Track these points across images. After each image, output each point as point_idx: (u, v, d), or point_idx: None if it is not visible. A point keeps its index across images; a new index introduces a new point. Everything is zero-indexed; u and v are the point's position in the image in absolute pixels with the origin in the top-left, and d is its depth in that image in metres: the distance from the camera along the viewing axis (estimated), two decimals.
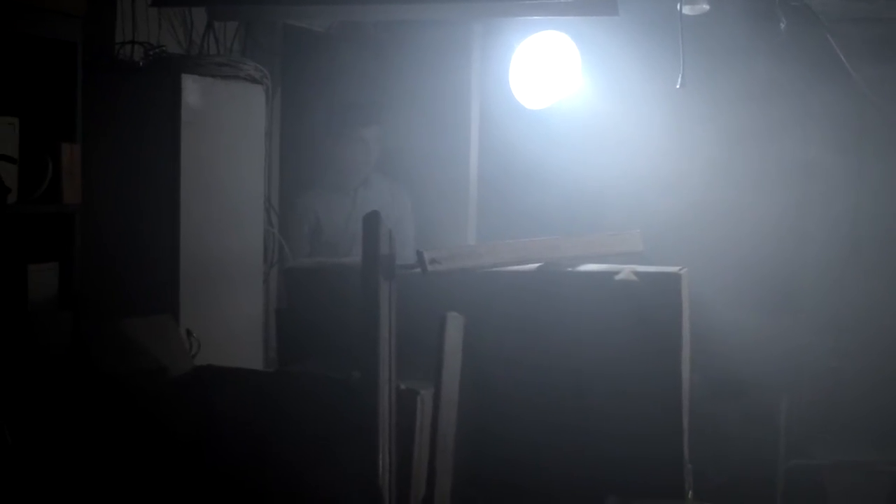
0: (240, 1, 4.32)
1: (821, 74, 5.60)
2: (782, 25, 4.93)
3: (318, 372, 3.19)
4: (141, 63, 3.95)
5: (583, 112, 5.40)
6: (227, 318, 4.11)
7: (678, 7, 4.39)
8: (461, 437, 3.02)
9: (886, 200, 6.18)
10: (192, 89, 3.89)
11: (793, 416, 5.93)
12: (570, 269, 3.29)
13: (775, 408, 5.92)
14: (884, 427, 5.90)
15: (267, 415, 3.10)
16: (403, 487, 2.91)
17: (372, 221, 2.92)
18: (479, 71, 5.41)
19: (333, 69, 5.34)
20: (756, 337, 5.25)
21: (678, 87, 4.46)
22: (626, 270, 3.19)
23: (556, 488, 3.23)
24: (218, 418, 3.17)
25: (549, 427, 3.20)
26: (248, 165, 4.23)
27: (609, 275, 3.21)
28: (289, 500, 3.03)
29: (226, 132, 4.09)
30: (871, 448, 5.87)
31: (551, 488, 3.23)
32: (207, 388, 3.25)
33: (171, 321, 3.64)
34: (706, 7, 4.54)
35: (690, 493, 3.29)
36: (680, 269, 3.21)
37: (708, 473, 4.70)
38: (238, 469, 3.11)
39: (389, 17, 4.98)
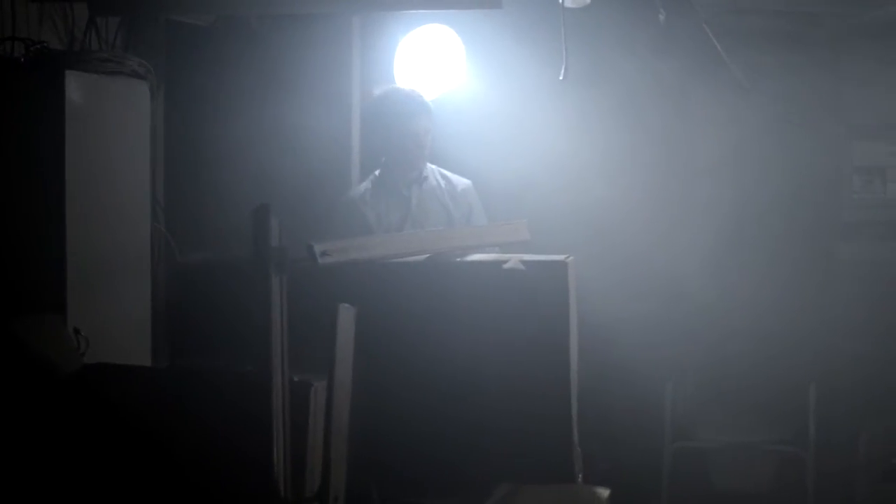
0: None
1: (700, 66, 5.71)
2: (661, 17, 5.02)
3: (209, 366, 3.18)
4: (22, 59, 3.90)
5: (468, 105, 5.45)
6: (115, 315, 4.08)
7: (560, 0, 4.45)
8: (355, 428, 3.03)
9: (766, 189, 6.33)
10: (76, 86, 3.85)
11: (678, 401, 6.06)
12: (459, 259, 3.33)
13: (661, 392, 6.04)
14: (767, 408, 6.05)
15: (159, 410, 3.08)
16: (298, 479, 2.92)
17: (261, 214, 2.92)
18: (360, 64, 5.43)
19: (217, 64, 5.32)
20: (641, 324, 5.35)
21: (561, 79, 4.52)
22: (514, 259, 3.24)
23: (449, 476, 3.26)
24: (109, 416, 3.15)
25: (441, 416, 3.24)
26: (134, 161, 4.20)
27: (497, 264, 3.25)
28: (183, 494, 3.02)
29: (110, 128, 4.05)
30: (755, 429, 6.01)
31: (444, 477, 3.27)
32: (97, 386, 3.22)
33: (59, 320, 3.60)
34: (587, 0, 4.60)
35: (581, 476, 3.34)
36: (566, 258, 3.27)
37: (597, 458, 4.79)
38: (131, 465, 3.09)
39: (271, 12, 4.96)
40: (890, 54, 6.24)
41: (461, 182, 5.03)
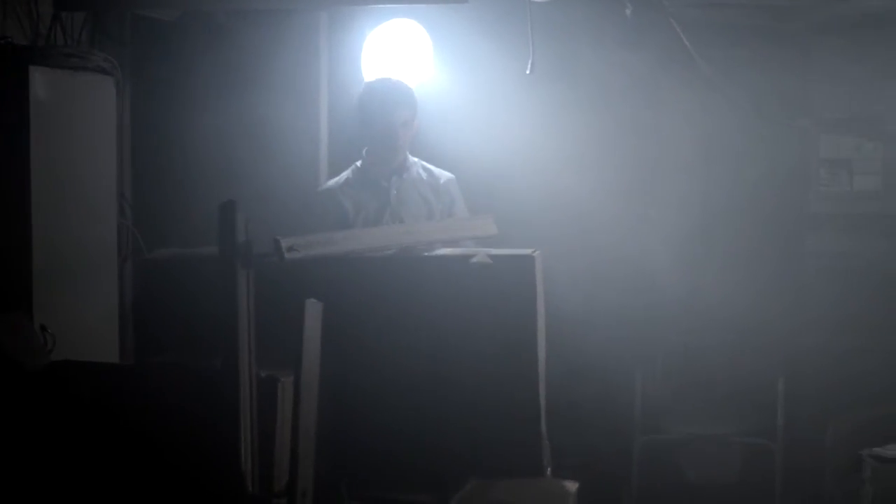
0: None
1: (667, 60, 5.72)
2: (628, 11, 5.03)
3: (177, 362, 3.17)
4: None
5: (436, 99, 5.44)
6: (81, 312, 4.07)
7: None
8: (323, 423, 3.03)
9: (734, 182, 6.36)
10: (41, 81, 3.84)
11: (647, 393, 6.08)
12: (426, 253, 3.33)
13: (630, 385, 6.06)
14: (736, 400, 6.08)
15: (126, 407, 3.07)
16: (266, 474, 2.93)
17: (228, 210, 2.92)
18: (328, 59, 5.42)
19: (184, 59, 5.30)
20: (611, 317, 5.36)
21: (528, 73, 4.53)
22: (481, 253, 3.24)
23: (417, 471, 3.27)
24: (76, 413, 3.14)
25: (409, 410, 3.24)
26: (100, 157, 4.19)
27: (464, 258, 3.25)
28: (151, 490, 3.01)
29: (76, 124, 4.04)
30: (724, 421, 6.04)
31: (413, 471, 3.27)
32: (64, 384, 3.21)
33: (25, 317, 3.58)
34: None
35: (549, 470, 3.36)
36: (533, 251, 3.27)
37: (567, 451, 4.80)
38: (98, 462, 3.08)
39: (238, 7, 4.96)
40: (856, 48, 6.27)
41: (443, 175, 5.03)
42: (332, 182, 5.04)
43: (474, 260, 3.22)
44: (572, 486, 3.39)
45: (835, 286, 6.24)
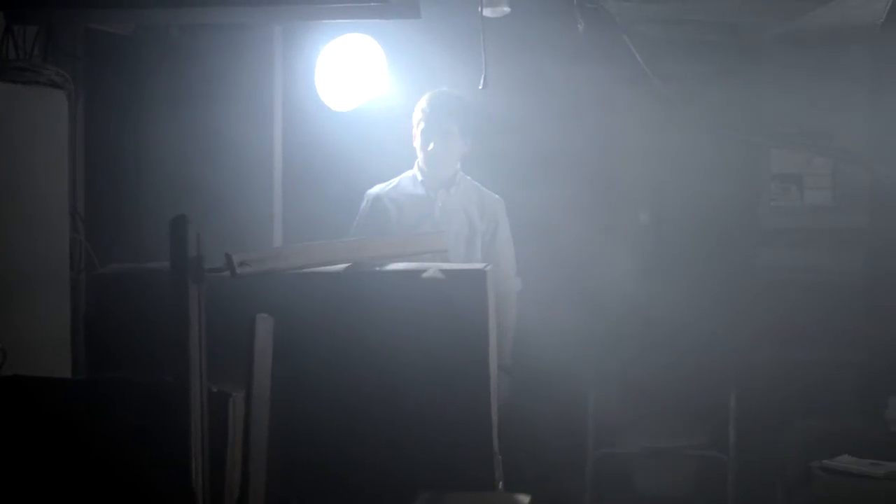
0: (39, 4, 4.24)
1: (620, 76, 5.77)
2: (580, 27, 5.06)
3: (128, 378, 3.16)
4: None
5: (391, 113, 5.46)
6: (33, 327, 4.03)
7: (479, 10, 4.48)
8: (275, 439, 3.03)
9: (686, 198, 6.41)
10: None
11: (601, 408, 6.11)
12: (377, 268, 3.34)
13: (584, 400, 6.08)
14: (688, 414, 6.12)
15: (76, 422, 3.06)
16: (217, 489, 2.92)
17: (179, 224, 2.91)
18: (282, 74, 5.42)
19: (138, 73, 5.28)
20: (565, 332, 5.39)
21: (480, 87, 4.55)
22: (433, 268, 3.25)
23: (369, 485, 3.27)
24: (25, 429, 3.12)
25: (361, 425, 3.24)
26: (52, 171, 4.16)
27: (416, 273, 3.26)
28: None
29: (27, 138, 4.01)
30: (677, 435, 6.08)
31: (365, 486, 3.28)
32: (13, 399, 3.19)
33: None
34: (507, 10, 4.64)
35: (501, 483, 3.37)
36: (485, 266, 3.29)
37: (522, 465, 4.82)
38: (48, 478, 3.06)
39: (191, 21, 4.95)
40: (807, 63, 6.34)
41: (493, 197, 5.12)
42: (380, 186, 5.13)
43: (426, 275, 3.23)
44: (524, 499, 3.40)
45: (786, 300, 6.31)
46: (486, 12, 4.54)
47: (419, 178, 5.10)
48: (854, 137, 6.27)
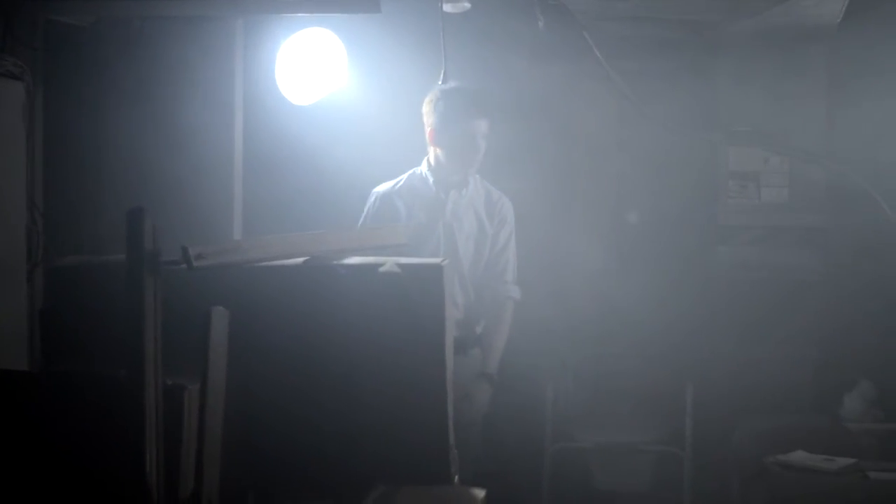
0: None
1: (580, 72, 5.79)
2: (540, 24, 5.08)
3: (83, 371, 3.15)
4: None
5: (351, 107, 5.46)
6: None
7: (440, 5, 4.49)
8: (230, 432, 3.03)
9: (645, 194, 6.44)
10: None
11: (558, 402, 6.13)
12: (335, 262, 3.34)
13: (542, 395, 6.11)
14: (645, 409, 6.15)
15: (29, 414, 3.05)
16: (171, 482, 2.92)
17: (135, 216, 2.91)
18: (243, 67, 5.41)
19: (98, 64, 5.26)
20: (522, 326, 5.40)
21: (440, 83, 4.56)
22: (390, 262, 3.26)
23: (324, 478, 3.28)
24: None
25: (316, 418, 3.24)
26: (9, 163, 4.15)
27: (373, 267, 3.26)
28: (55, 499, 2.99)
29: None
30: (634, 430, 6.11)
31: (320, 478, 3.28)
32: None
33: None
34: (467, 5, 4.65)
35: (457, 477, 3.38)
36: (442, 261, 3.30)
37: (481, 459, 4.84)
38: (3, 470, 3.05)
39: (153, 13, 4.93)
40: (766, 62, 6.39)
41: (502, 198, 5.06)
42: (387, 184, 5.05)
43: (382, 269, 3.24)
44: (480, 492, 3.41)
45: (743, 297, 6.35)
46: (447, 7, 4.56)
47: (430, 178, 5.00)
48: (811, 136, 6.32)
